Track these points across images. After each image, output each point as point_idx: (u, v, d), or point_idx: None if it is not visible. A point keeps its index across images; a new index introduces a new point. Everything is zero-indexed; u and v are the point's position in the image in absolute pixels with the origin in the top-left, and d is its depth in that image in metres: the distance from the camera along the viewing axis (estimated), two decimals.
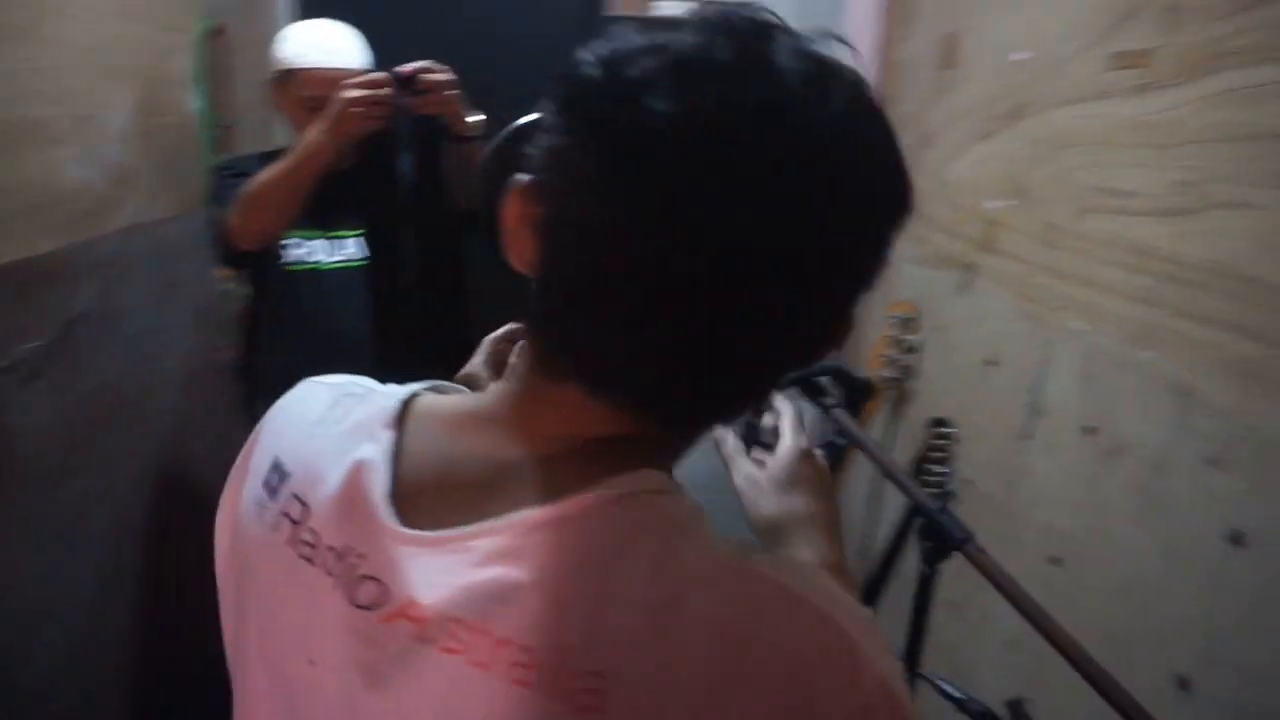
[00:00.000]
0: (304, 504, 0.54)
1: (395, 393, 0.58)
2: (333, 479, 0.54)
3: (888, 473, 1.04)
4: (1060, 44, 1.60)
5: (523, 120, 0.94)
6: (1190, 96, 1.23)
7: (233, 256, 1.80)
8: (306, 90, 1.73)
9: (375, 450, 0.53)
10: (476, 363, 0.87)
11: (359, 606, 0.50)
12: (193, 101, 2.19)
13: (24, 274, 1.60)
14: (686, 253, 0.44)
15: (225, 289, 2.37)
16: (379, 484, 0.51)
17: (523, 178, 0.51)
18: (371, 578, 0.50)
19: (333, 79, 1.70)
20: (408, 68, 1.64)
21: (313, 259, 1.82)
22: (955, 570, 1.05)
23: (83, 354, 1.79)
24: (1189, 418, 1.19)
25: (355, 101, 1.60)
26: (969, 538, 0.95)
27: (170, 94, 2.08)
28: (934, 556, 0.99)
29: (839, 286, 0.48)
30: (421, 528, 0.50)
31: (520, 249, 0.52)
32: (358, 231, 1.85)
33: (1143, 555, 1.27)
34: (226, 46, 2.28)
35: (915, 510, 0.97)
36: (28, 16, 1.56)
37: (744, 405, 0.55)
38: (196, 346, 2.27)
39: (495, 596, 0.46)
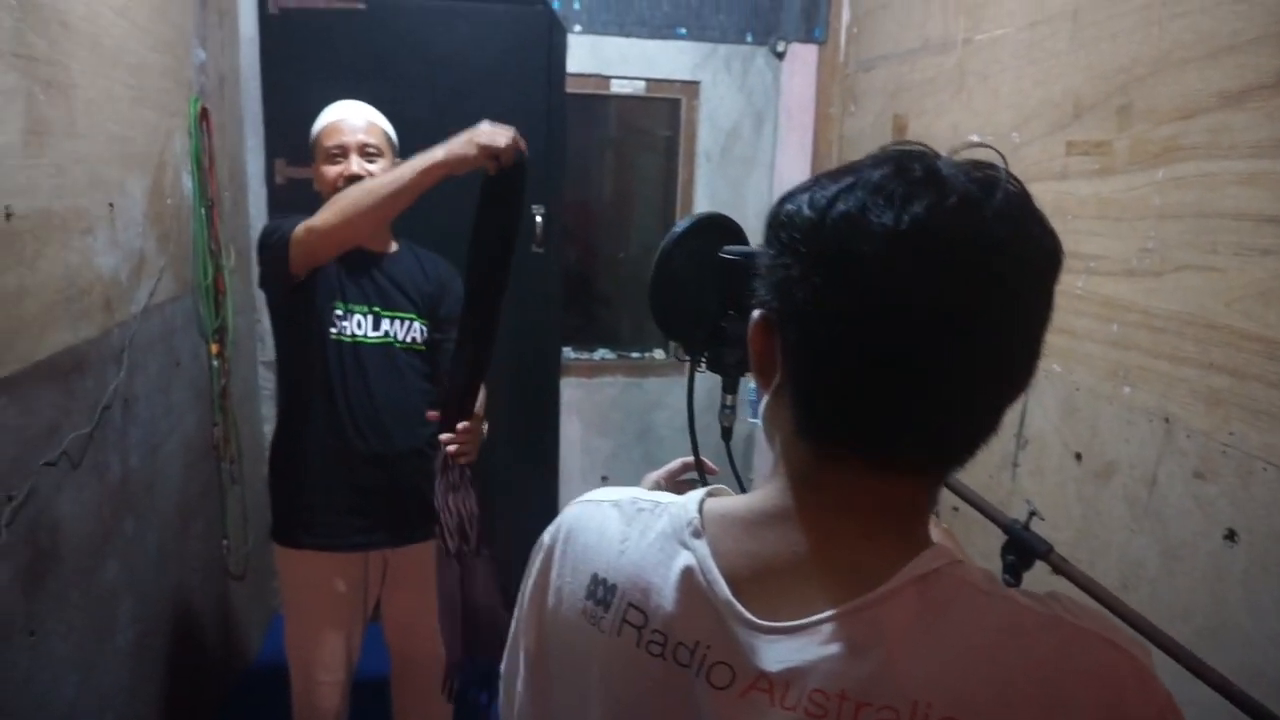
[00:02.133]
0: (642, 611, 0.63)
1: (684, 503, 0.66)
2: (665, 587, 0.63)
3: (967, 498, 1.24)
4: (1013, 131, 1.90)
5: (681, 228, 1.11)
6: (1148, 180, 1.53)
7: (284, 283, 1.84)
8: (326, 143, 1.86)
9: (694, 557, 0.62)
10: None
11: (717, 688, 0.59)
12: (188, 182, 2.21)
13: (67, 363, 1.60)
14: (930, 337, 0.55)
15: (215, 364, 2.37)
16: (718, 585, 0.61)
17: (759, 311, 0.62)
18: (722, 662, 0.59)
19: (343, 128, 1.85)
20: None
21: (358, 332, 1.90)
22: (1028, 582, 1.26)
23: (111, 440, 1.79)
24: (1173, 439, 1.47)
25: (484, 134, 1.67)
26: (1051, 548, 1.17)
27: (171, 177, 2.10)
28: (1018, 568, 1.20)
29: (1039, 332, 0.59)
30: (757, 615, 0.59)
31: (770, 371, 0.63)
32: (404, 314, 1.96)
33: (1141, 557, 1.53)
34: (210, 128, 2.31)
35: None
36: (68, 110, 1.59)
37: (982, 443, 0.63)
38: (195, 425, 2.26)
39: (845, 668, 0.56)
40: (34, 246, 1.46)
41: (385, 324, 1.92)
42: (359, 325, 1.90)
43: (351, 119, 1.88)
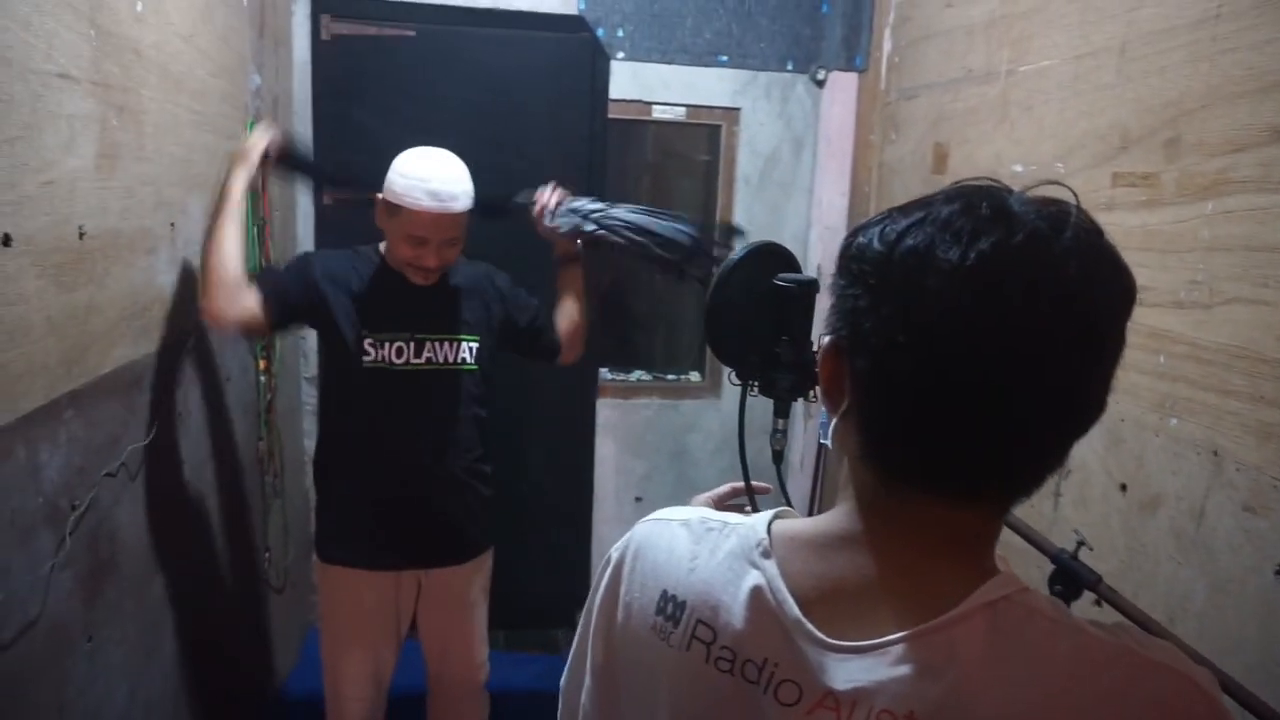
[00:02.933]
0: (711, 628, 0.65)
1: (754, 524, 0.69)
2: (734, 605, 0.65)
3: (1013, 526, 1.25)
4: (1057, 162, 1.91)
5: (736, 256, 1.14)
6: (1197, 213, 1.53)
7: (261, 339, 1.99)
8: (412, 229, 1.85)
9: (763, 577, 0.64)
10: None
11: (785, 704, 0.61)
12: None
13: (129, 377, 1.65)
14: (993, 373, 0.56)
15: (262, 380, 2.42)
16: (787, 604, 0.62)
17: (829, 337, 0.64)
18: (790, 680, 0.61)
19: (433, 223, 1.84)
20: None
21: (396, 360, 1.93)
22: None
23: (166, 453, 1.83)
24: (1222, 472, 1.46)
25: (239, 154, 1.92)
26: (1100, 578, 1.17)
27: None
28: (1066, 598, 1.20)
29: (1109, 369, 0.60)
30: (827, 634, 0.61)
31: (838, 396, 0.64)
32: (450, 336, 1.99)
33: (1188, 590, 1.52)
34: None
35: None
36: (137, 134, 1.65)
37: (1049, 474, 0.62)
38: (242, 440, 2.31)
39: (914, 689, 0.57)
40: (103, 265, 1.51)
41: (428, 349, 1.96)
42: (399, 353, 1.93)
43: (445, 210, 1.84)
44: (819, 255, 3.08)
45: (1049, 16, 1.96)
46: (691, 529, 0.72)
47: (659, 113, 3.01)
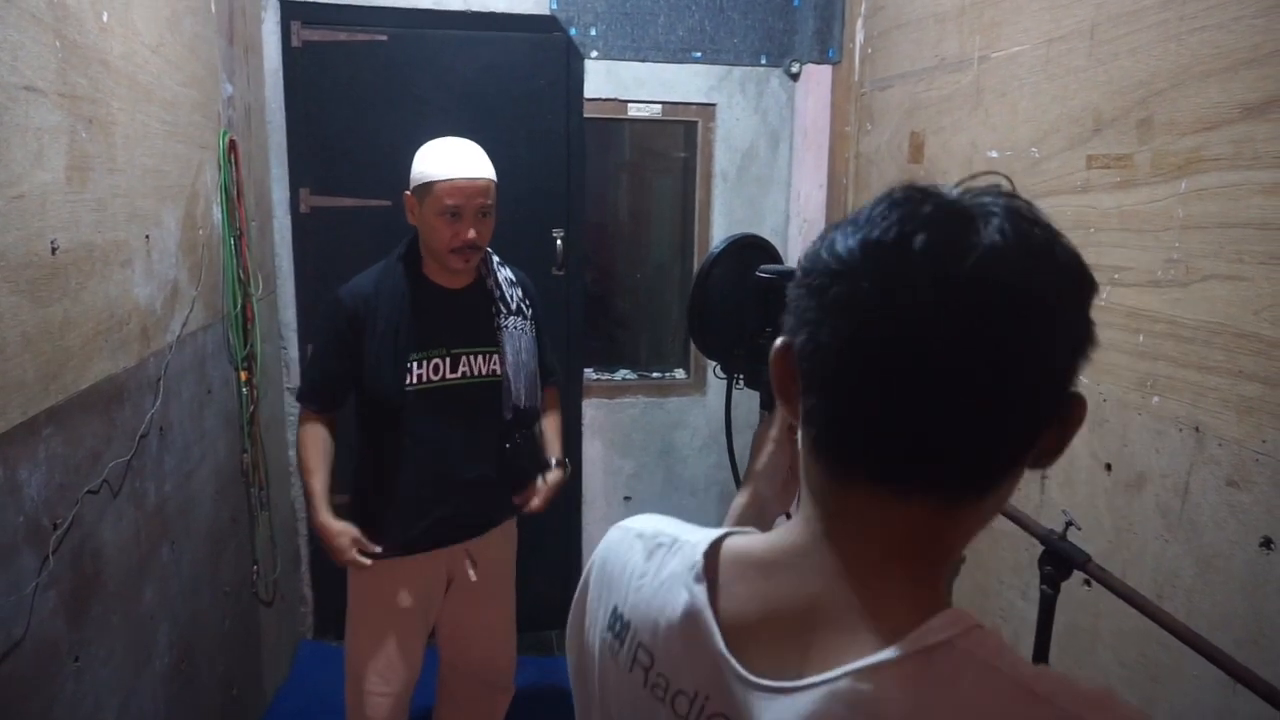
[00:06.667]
0: (649, 652, 0.65)
1: (696, 543, 0.65)
2: (669, 631, 0.63)
3: (1002, 510, 1.25)
4: (1032, 147, 1.92)
5: (718, 249, 1.14)
6: (1171, 192, 1.54)
7: None
8: (445, 198, 1.86)
9: (695, 604, 0.62)
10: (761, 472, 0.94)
11: None
12: (217, 213, 2.25)
13: (108, 392, 1.63)
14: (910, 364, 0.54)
15: (244, 391, 2.40)
16: (714, 636, 0.60)
17: (781, 340, 0.61)
18: (721, 714, 0.59)
19: (465, 189, 1.86)
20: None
21: (434, 377, 1.95)
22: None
23: (148, 468, 1.81)
24: (1205, 448, 1.47)
25: (343, 552, 1.96)
26: (1089, 558, 1.17)
27: (203, 208, 2.14)
28: (1056, 578, 1.20)
29: (1042, 351, 0.55)
30: (756, 668, 0.58)
31: (789, 394, 0.61)
32: (484, 349, 2.00)
33: (1176, 566, 1.53)
34: (238, 159, 2.36)
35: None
36: (108, 146, 1.63)
37: (993, 464, 0.58)
38: (226, 452, 2.29)
39: None
40: (77, 279, 1.49)
41: (464, 363, 1.98)
42: (435, 370, 1.96)
43: (473, 178, 1.88)
44: (799, 248, 3.08)
45: (1019, 2, 1.97)
46: (645, 543, 0.70)
47: (635, 111, 3.01)
